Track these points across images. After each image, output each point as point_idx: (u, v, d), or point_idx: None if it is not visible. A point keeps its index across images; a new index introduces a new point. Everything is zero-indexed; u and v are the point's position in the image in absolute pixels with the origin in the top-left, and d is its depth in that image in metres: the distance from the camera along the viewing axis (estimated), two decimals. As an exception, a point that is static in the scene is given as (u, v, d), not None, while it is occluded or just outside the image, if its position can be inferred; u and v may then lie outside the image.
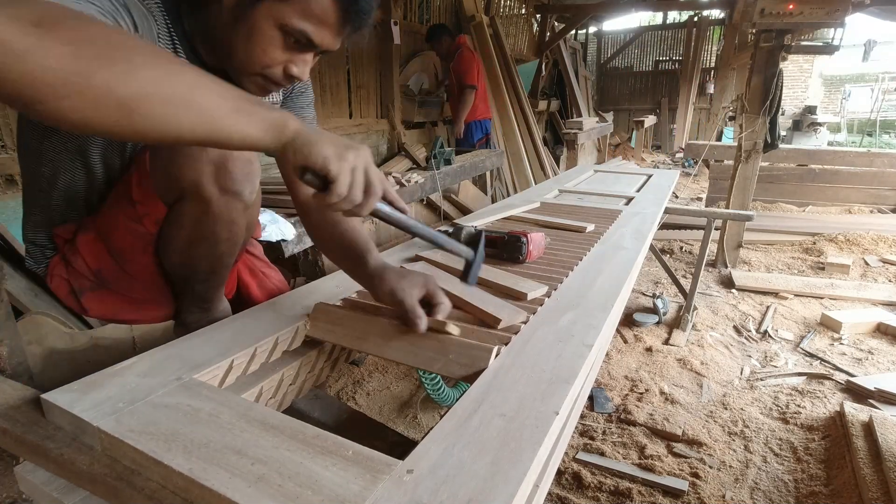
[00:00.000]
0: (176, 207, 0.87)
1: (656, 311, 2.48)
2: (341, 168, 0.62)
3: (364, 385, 1.89)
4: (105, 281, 0.95)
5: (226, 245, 0.91)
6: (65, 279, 0.96)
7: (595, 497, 1.40)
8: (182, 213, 0.86)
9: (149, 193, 0.86)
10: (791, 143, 8.48)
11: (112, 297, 0.97)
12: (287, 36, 0.77)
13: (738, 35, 7.69)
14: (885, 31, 10.04)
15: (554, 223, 1.60)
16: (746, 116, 3.03)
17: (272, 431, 0.57)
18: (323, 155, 0.61)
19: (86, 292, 0.96)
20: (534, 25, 6.75)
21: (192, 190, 0.82)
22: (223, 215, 0.86)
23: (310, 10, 0.75)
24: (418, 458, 0.53)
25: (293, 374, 0.89)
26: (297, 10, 0.74)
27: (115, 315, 1.01)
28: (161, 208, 0.87)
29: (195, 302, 1.00)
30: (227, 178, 0.82)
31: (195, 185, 0.81)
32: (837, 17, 2.64)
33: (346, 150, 0.63)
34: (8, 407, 0.65)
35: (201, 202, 0.83)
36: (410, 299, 0.82)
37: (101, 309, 0.99)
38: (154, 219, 0.89)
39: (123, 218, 0.89)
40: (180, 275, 0.96)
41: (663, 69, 10.77)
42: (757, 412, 1.77)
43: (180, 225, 0.88)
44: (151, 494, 0.53)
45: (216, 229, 0.87)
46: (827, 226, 3.77)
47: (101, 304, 0.98)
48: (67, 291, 0.96)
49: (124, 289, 0.96)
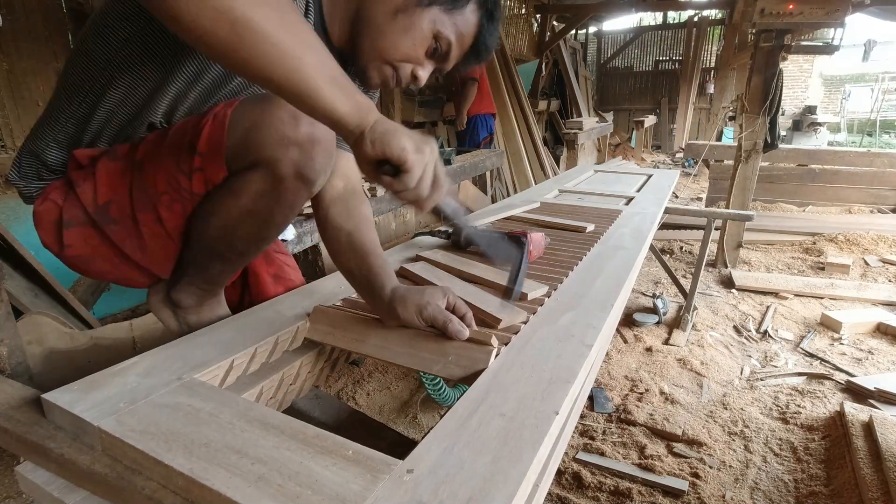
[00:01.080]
0: (241, 175, 0.81)
1: (656, 311, 2.48)
2: (417, 161, 0.65)
3: (364, 385, 1.90)
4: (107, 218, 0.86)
5: (274, 229, 0.88)
6: (58, 205, 0.86)
7: (595, 497, 1.40)
8: (246, 182, 0.81)
9: (216, 150, 0.79)
10: (791, 143, 8.48)
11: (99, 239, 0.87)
12: (434, 41, 0.85)
13: (738, 35, 7.69)
14: (885, 31, 10.04)
15: (554, 223, 1.60)
16: (746, 116, 3.03)
17: (272, 431, 0.57)
18: (402, 146, 0.63)
19: (74, 226, 0.86)
20: (534, 25, 6.75)
21: (269, 164, 0.78)
22: (287, 199, 0.83)
23: (460, 30, 0.86)
24: (418, 458, 0.53)
25: (293, 374, 0.89)
26: (454, 25, 0.85)
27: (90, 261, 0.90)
28: (220, 170, 0.80)
29: (197, 282, 0.94)
30: (308, 163, 0.79)
31: (273, 160, 0.78)
32: (837, 17, 2.64)
33: (423, 143, 0.66)
34: (8, 407, 0.66)
35: (273, 179, 0.80)
36: (444, 316, 0.81)
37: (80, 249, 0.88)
38: (205, 178, 0.81)
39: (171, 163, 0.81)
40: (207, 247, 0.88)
41: (663, 69, 10.78)
42: (757, 412, 1.78)
43: (238, 194, 0.82)
44: (152, 494, 0.53)
45: (275, 209, 0.84)
46: (827, 226, 3.78)
47: (84, 243, 0.88)
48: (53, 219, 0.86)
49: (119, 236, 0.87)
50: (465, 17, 0.85)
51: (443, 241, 1.37)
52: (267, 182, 0.80)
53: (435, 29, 0.84)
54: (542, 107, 6.55)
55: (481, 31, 0.87)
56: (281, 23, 0.57)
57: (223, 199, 0.82)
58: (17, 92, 2.02)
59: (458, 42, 0.87)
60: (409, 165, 0.64)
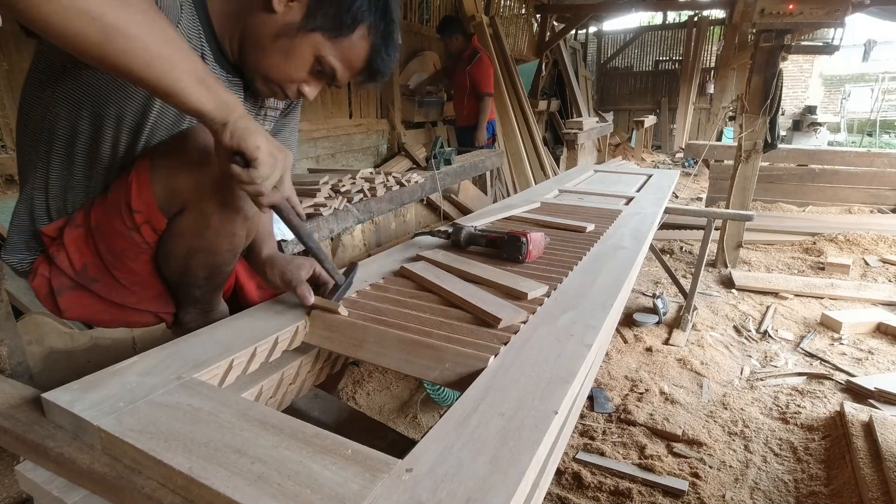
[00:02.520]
0: (177, 219, 0.87)
1: (656, 311, 2.48)
2: (266, 161, 0.73)
3: (364, 385, 1.90)
4: (88, 279, 0.92)
5: (226, 255, 0.93)
6: (45, 277, 0.92)
7: (595, 497, 1.40)
8: (182, 224, 0.87)
9: (149, 203, 0.85)
10: (791, 143, 8.48)
11: (91, 298, 0.94)
12: (317, 64, 0.88)
13: (738, 35, 7.69)
14: (885, 31, 10.05)
15: (554, 223, 1.60)
16: (746, 116, 3.03)
17: (272, 430, 0.57)
18: (257, 144, 0.72)
19: (64, 292, 0.93)
20: (534, 25, 6.75)
21: (194, 204, 0.84)
22: (224, 229, 0.88)
23: (346, 55, 0.88)
24: (417, 457, 0.53)
25: (293, 374, 0.89)
26: (338, 51, 0.87)
27: (91, 316, 0.98)
28: (161, 219, 0.87)
29: (193, 304, 1.00)
30: (229, 194, 0.84)
31: (197, 199, 0.84)
32: (837, 17, 2.64)
33: (277, 149, 0.75)
34: (8, 406, 0.66)
35: (202, 216, 0.85)
36: (297, 279, 0.92)
37: (77, 311, 0.95)
38: (152, 228, 0.88)
39: (119, 224, 0.87)
40: (178, 281, 0.96)
41: (663, 69, 10.77)
42: (757, 412, 1.78)
43: (180, 235, 0.88)
44: (151, 493, 0.53)
45: (217, 241, 0.90)
46: (827, 226, 3.78)
47: (78, 304, 0.94)
48: (46, 291, 0.93)
49: (106, 290, 0.93)
50: (351, 42, 0.86)
51: (443, 240, 1.37)
52: (199, 220, 0.86)
53: (317, 53, 0.86)
54: (542, 107, 6.55)
55: (374, 55, 0.89)
56: (149, 28, 0.62)
57: (172, 241, 0.90)
58: (16, 92, 2.02)
59: (343, 66, 0.89)
60: (258, 162, 0.72)
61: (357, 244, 2.87)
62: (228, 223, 0.87)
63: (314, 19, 0.83)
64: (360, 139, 4.09)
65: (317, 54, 0.86)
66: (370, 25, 0.86)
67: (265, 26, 0.85)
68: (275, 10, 0.82)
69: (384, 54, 0.90)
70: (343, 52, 0.87)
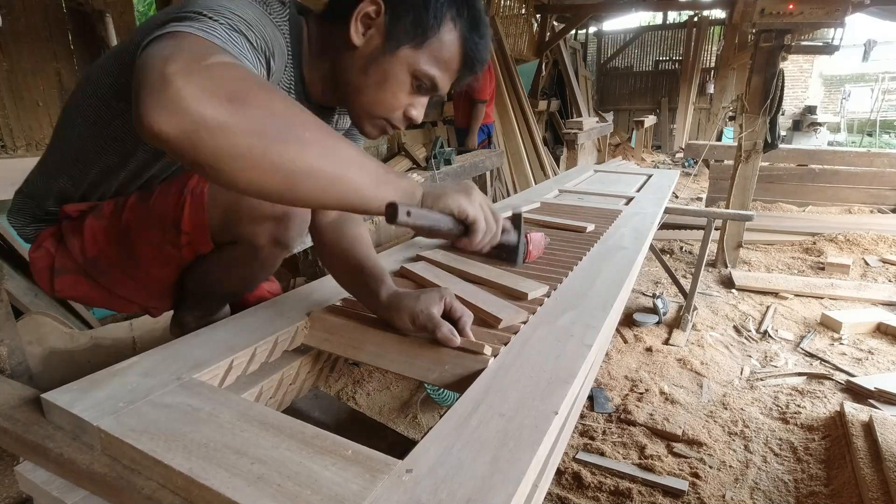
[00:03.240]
0: (225, 248, 0.86)
1: (656, 311, 2.48)
2: (477, 211, 0.70)
3: (364, 385, 1.89)
4: (97, 270, 0.90)
5: (259, 280, 0.97)
6: (50, 253, 0.91)
7: (595, 497, 1.40)
8: (230, 254, 0.87)
9: (200, 227, 0.83)
10: (791, 143, 8.47)
11: (89, 285, 0.93)
12: (415, 80, 0.82)
13: (738, 35, 7.69)
14: (885, 31, 10.04)
15: (554, 223, 1.60)
16: (746, 116, 3.03)
17: (272, 431, 0.57)
18: (458, 204, 0.68)
19: (65, 274, 0.91)
20: (534, 25, 6.75)
21: (248, 238, 0.83)
22: (267, 262, 0.89)
23: (440, 57, 0.80)
24: (417, 458, 0.53)
25: (293, 374, 0.89)
26: (430, 57, 0.80)
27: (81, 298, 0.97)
28: (207, 244, 0.85)
29: (197, 309, 1.01)
30: (284, 234, 0.84)
31: (252, 234, 0.82)
32: (837, 17, 2.64)
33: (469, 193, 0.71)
34: (8, 407, 0.65)
35: (253, 248, 0.85)
36: (434, 322, 0.79)
37: (71, 292, 0.94)
38: (195, 250, 0.86)
39: (159, 237, 0.85)
40: (201, 293, 0.97)
41: (663, 69, 10.77)
42: (757, 412, 1.77)
43: (224, 262, 0.89)
44: (151, 494, 0.53)
45: (257, 270, 0.92)
46: (827, 226, 3.78)
47: (74, 288, 0.93)
48: (45, 266, 0.91)
49: (111, 283, 0.93)
50: (441, 41, 0.79)
51: (442, 240, 1.37)
52: (248, 251, 0.85)
53: (412, 69, 0.80)
54: (542, 107, 6.55)
55: (467, 44, 0.81)
56: (326, 156, 0.56)
57: (213, 264, 0.89)
58: (16, 92, 2.02)
59: (442, 69, 0.82)
60: (471, 218, 0.69)
61: (357, 244, 2.86)
62: (275, 258, 0.89)
63: (396, 36, 0.78)
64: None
65: (412, 70, 0.80)
66: (454, 16, 0.79)
67: (353, 63, 0.81)
68: (356, 45, 0.79)
69: (477, 39, 0.81)
70: (436, 56, 0.80)
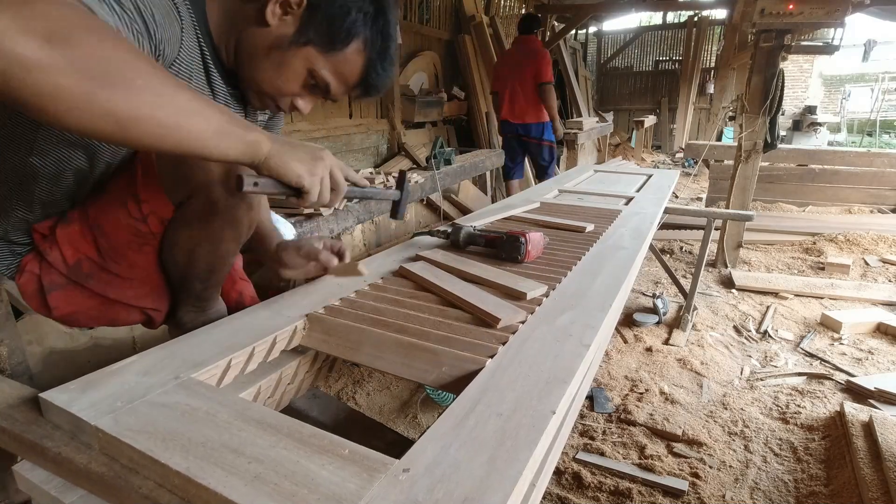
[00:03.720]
0: (183, 207, 0.88)
1: (656, 311, 2.48)
2: (312, 182, 0.76)
3: (364, 385, 1.90)
4: (82, 275, 0.91)
5: (229, 244, 0.94)
6: (35, 274, 0.92)
7: (595, 497, 1.40)
8: (189, 212, 0.88)
9: (156, 192, 0.87)
10: (791, 143, 8.47)
11: (83, 295, 0.93)
12: (310, 78, 0.87)
13: (738, 35, 7.67)
14: (885, 31, 10.03)
15: (554, 223, 1.60)
16: (746, 116, 3.03)
17: (269, 430, 0.57)
18: (296, 173, 0.74)
19: (55, 290, 0.92)
20: (534, 26, 6.74)
21: (201, 191, 0.85)
22: (229, 215, 0.89)
23: (340, 70, 0.87)
24: (414, 457, 0.53)
25: (291, 374, 0.89)
26: (331, 65, 0.86)
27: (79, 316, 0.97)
28: (168, 207, 0.88)
29: (192, 301, 1.00)
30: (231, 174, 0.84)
31: (205, 185, 0.84)
32: (837, 17, 2.64)
33: (314, 163, 0.77)
34: (6, 406, 0.66)
35: (209, 202, 0.86)
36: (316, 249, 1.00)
37: (67, 308, 0.94)
38: (159, 217, 0.89)
39: (125, 215, 0.88)
40: (181, 274, 0.97)
41: (663, 69, 10.77)
42: (757, 412, 1.77)
43: (186, 223, 0.90)
44: (149, 493, 0.53)
45: (223, 228, 0.91)
46: (827, 226, 3.77)
47: (68, 303, 0.93)
48: (35, 289, 0.92)
49: (101, 287, 0.93)
50: (345, 57, 0.85)
51: (442, 240, 1.37)
52: (206, 206, 0.87)
53: (310, 67, 0.85)
54: (543, 107, 6.53)
55: (368, 70, 0.88)
56: (159, 104, 0.60)
57: (177, 231, 0.91)
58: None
59: (337, 80, 0.88)
60: (306, 188, 0.76)
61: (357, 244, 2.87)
62: (233, 210, 0.89)
63: (307, 33, 0.83)
64: (360, 139, 4.09)
65: (310, 68, 0.85)
66: (365, 40, 0.85)
67: (259, 39, 0.84)
68: (268, 24, 0.82)
69: (380, 69, 0.89)
70: (337, 67, 0.86)
